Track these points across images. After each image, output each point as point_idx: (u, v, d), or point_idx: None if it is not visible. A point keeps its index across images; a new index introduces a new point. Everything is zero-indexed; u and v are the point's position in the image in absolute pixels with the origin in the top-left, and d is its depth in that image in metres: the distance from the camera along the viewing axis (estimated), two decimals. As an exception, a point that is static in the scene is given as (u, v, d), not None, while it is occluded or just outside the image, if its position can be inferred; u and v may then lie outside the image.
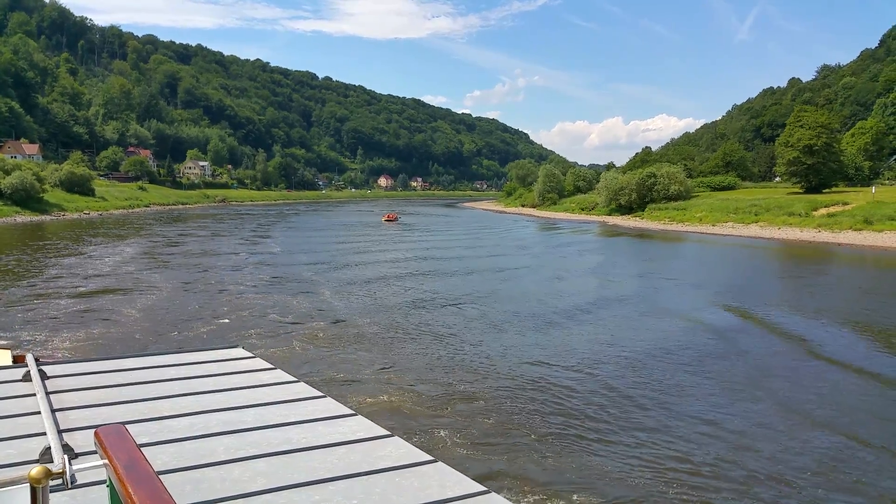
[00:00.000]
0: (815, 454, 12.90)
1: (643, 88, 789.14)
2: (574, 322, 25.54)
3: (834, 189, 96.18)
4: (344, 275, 38.55)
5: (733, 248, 58.65)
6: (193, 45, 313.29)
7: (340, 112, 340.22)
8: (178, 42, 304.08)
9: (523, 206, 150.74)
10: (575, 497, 10.96)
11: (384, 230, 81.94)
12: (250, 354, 5.70)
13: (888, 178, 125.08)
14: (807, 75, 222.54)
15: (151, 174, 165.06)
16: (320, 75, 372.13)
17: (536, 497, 10.93)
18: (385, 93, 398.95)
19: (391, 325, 24.30)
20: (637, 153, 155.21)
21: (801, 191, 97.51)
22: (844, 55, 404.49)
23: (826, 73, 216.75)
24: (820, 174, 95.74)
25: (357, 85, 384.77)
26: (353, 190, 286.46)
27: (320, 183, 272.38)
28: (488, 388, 16.86)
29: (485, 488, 3.13)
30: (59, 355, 17.91)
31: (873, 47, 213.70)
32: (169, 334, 21.84)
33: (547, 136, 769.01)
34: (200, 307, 26.87)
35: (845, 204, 70.28)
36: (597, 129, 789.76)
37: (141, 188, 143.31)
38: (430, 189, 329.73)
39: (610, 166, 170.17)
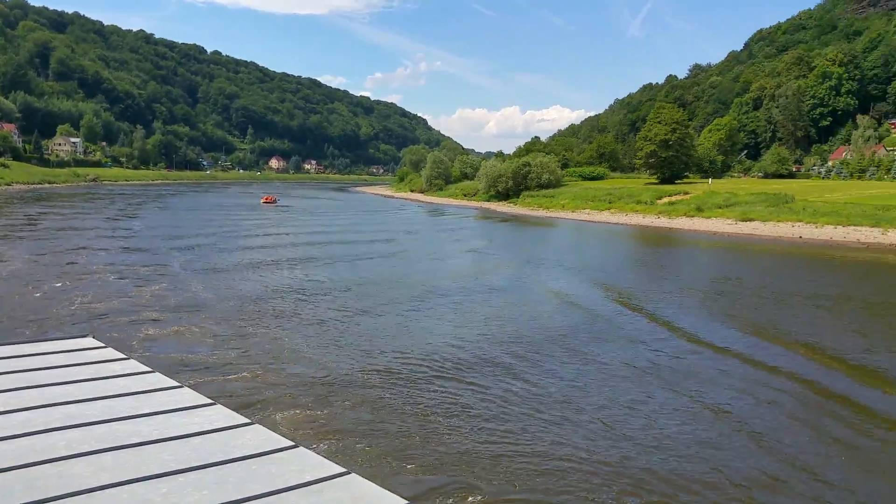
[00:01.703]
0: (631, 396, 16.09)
1: (540, 79, 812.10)
2: (439, 303, 26.92)
3: (685, 180, 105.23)
4: (210, 259, 37.67)
5: (584, 232, 63.95)
6: (70, 12, 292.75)
7: (230, 89, 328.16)
8: (51, 8, 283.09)
9: (412, 191, 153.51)
10: (429, 477, 11.45)
11: (264, 213, 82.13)
12: (101, 344, 5.50)
13: (738, 171, 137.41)
14: (682, 73, 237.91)
15: (16, 151, 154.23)
16: (209, 49, 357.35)
17: (398, 476, 11.51)
18: (280, 71, 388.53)
19: (250, 311, 24.01)
20: (526, 143, 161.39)
21: (657, 181, 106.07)
22: (719, 55, 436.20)
23: (697, 71, 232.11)
24: (673, 166, 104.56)
25: (249, 61, 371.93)
26: (242, 171, 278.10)
27: (205, 163, 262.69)
28: (360, 373, 17.04)
29: (345, 469, 3.20)
30: None
31: (739, 49, 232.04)
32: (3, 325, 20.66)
33: (448, 122, 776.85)
34: (45, 295, 25.23)
35: (686, 194, 77.56)
36: (495, 117, 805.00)
37: (3, 165, 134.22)
38: (324, 172, 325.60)
39: (499, 154, 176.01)
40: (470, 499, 10.93)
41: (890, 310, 27.58)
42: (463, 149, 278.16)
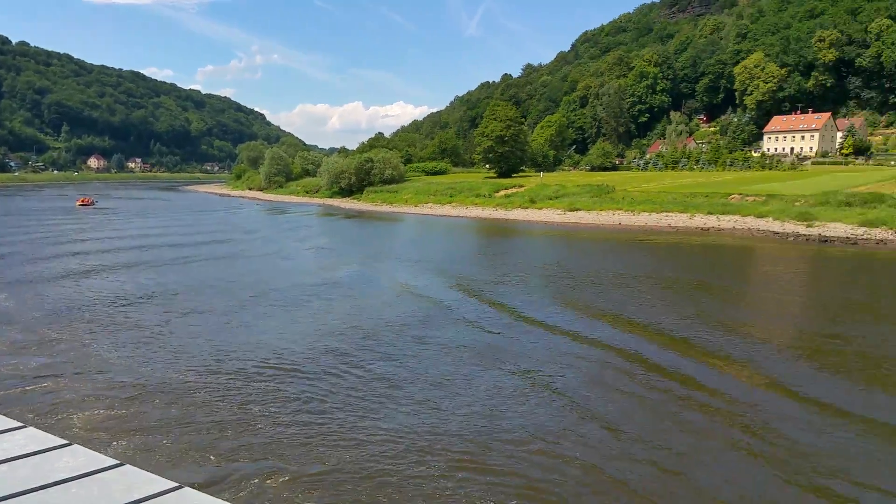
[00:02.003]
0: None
1: (383, 75, 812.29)
2: (276, 302, 26.21)
3: (521, 174, 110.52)
4: (19, 269, 34.08)
5: (427, 225, 64.77)
6: None
7: (41, 83, 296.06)
8: None
9: (250, 189, 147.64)
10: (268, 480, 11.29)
11: (81, 217, 74.68)
12: None
13: (569, 165, 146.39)
14: (517, 72, 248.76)
15: None
16: (14, 40, 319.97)
17: (203, 467, 11.30)
18: (98, 63, 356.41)
19: (61, 321, 22.22)
20: (369, 138, 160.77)
21: (495, 175, 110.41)
22: (550, 55, 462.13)
23: (529, 71, 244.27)
24: (509, 161, 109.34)
25: (62, 53, 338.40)
26: (56, 172, 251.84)
27: (12, 164, 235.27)
28: (175, 374, 16.42)
29: (177, 484, 3.07)
30: None
31: (567, 50, 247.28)
32: None
33: (288, 117, 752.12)
34: None
35: (521, 187, 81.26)
36: (338, 112, 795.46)
37: None
38: (151, 171, 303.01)
39: (343, 150, 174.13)
40: (269, 481, 11.15)
41: (681, 284, 30.68)
42: (305, 145, 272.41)
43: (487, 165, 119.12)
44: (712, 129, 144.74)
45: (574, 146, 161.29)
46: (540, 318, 23.18)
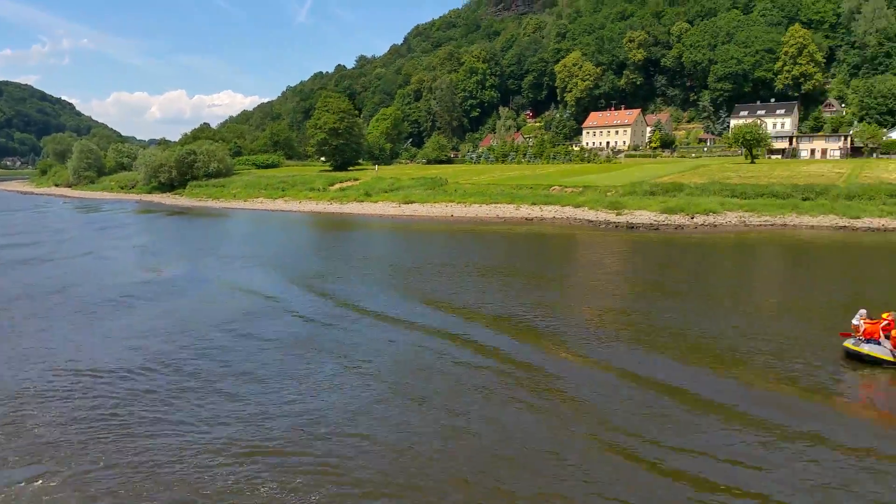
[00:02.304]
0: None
1: (209, 62, 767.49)
2: (94, 307, 24.39)
3: (357, 167, 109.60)
4: None
5: (258, 221, 62.04)
6: None
7: None
8: None
9: (57, 185, 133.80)
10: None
11: None
12: None
13: (405, 158, 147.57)
14: (352, 63, 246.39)
15: None
16: None
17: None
18: None
19: None
20: (193, 129, 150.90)
21: (331, 168, 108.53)
22: (383, 47, 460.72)
23: (363, 62, 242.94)
24: (344, 154, 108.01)
25: None
26: None
27: None
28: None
29: None
30: None
31: (399, 43, 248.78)
32: None
33: (101, 106, 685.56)
34: None
35: (356, 180, 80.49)
36: (158, 101, 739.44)
37: None
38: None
39: (163, 142, 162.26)
40: (39, 483, 11.29)
41: (504, 270, 32.09)
42: (120, 136, 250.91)
43: (323, 158, 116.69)
44: (538, 124, 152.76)
45: (410, 139, 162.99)
46: (370, 308, 23.43)
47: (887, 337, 16.62)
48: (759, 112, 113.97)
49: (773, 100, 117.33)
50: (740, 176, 63.18)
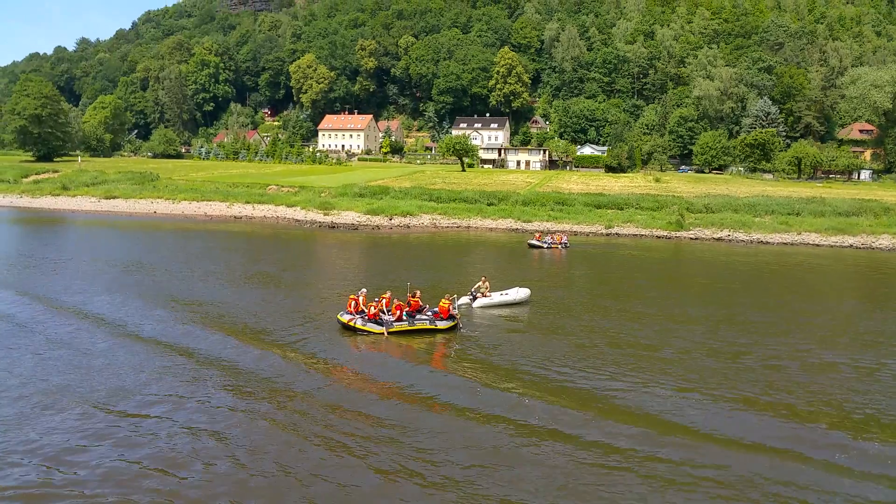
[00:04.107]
0: None
1: None
2: None
3: (66, 158, 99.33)
4: None
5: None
6: None
7: None
8: None
9: None
10: None
11: None
12: None
13: (129, 150, 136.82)
14: (73, 46, 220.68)
15: None
16: None
17: None
18: None
19: None
20: None
21: (34, 159, 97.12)
22: (110, 31, 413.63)
23: (85, 46, 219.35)
24: (49, 143, 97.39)
25: None
26: None
27: None
28: None
29: None
30: None
31: (127, 28, 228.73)
32: None
33: None
34: None
35: (56, 172, 73.49)
36: None
37: None
38: None
39: None
40: None
41: (192, 271, 32.43)
42: None
43: (24, 147, 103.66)
44: (276, 122, 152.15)
45: (136, 131, 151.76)
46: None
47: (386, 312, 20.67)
48: (476, 125, 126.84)
49: (488, 114, 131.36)
50: (445, 182, 70.30)
